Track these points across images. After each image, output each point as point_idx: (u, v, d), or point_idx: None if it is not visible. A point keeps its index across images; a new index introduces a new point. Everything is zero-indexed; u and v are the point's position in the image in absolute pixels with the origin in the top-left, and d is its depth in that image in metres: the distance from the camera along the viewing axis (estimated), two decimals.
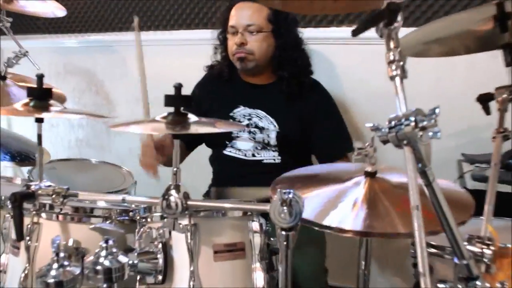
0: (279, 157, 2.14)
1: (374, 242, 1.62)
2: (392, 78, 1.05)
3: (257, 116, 2.15)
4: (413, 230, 0.98)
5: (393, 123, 1.01)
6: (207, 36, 2.33)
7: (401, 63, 1.05)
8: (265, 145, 2.14)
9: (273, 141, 2.13)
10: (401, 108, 1.02)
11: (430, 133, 0.97)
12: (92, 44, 3.05)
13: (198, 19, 2.79)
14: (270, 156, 2.14)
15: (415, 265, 1.67)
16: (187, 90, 2.79)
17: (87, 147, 3.15)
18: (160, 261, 1.26)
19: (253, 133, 2.14)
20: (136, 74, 1.93)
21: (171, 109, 1.17)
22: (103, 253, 1.15)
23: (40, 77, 1.30)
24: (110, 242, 1.16)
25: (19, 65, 2.41)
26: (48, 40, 3.14)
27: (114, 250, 1.17)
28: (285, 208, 1.07)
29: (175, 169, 1.15)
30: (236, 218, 1.33)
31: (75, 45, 3.11)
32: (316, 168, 1.81)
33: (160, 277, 1.26)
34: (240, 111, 2.17)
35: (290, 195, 1.09)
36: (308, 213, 1.24)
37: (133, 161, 2.09)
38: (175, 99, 1.12)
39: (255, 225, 1.34)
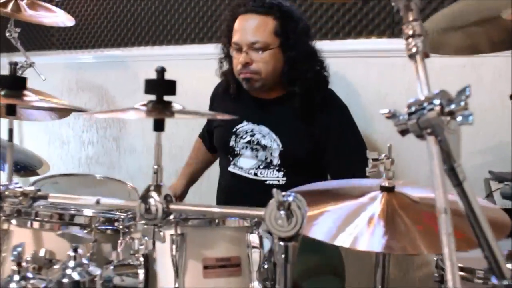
0: (284, 178, 1.91)
1: (392, 259, 1.40)
2: (412, 56, 0.85)
3: (260, 133, 1.94)
4: (441, 240, 0.77)
5: (413, 108, 0.81)
6: (217, 50, 2.17)
7: (422, 38, 0.85)
8: (268, 164, 1.93)
9: (276, 160, 1.91)
10: (422, 90, 0.82)
11: (460, 118, 0.76)
12: (104, 59, 2.94)
13: (210, 33, 2.65)
14: (274, 177, 1.92)
15: (440, 282, 1.43)
16: (198, 103, 2.67)
17: (97, 165, 3.00)
18: (141, 276, 1.05)
19: (255, 150, 1.94)
20: None
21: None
22: (71, 263, 0.96)
23: (12, 65, 1.14)
24: (80, 251, 0.97)
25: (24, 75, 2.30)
26: (61, 56, 3.04)
27: (85, 261, 0.97)
28: (282, 212, 0.87)
29: (155, 166, 0.96)
30: (231, 229, 1.13)
31: (88, 60, 3.01)
32: (327, 184, 1.60)
33: None
34: (244, 127, 1.97)
35: (290, 198, 0.89)
36: (318, 233, 1.09)
37: (142, 178, 1.93)
38: (157, 85, 0.93)
39: (253, 238, 1.13)
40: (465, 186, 0.82)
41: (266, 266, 1.39)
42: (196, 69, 2.69)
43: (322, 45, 2.09)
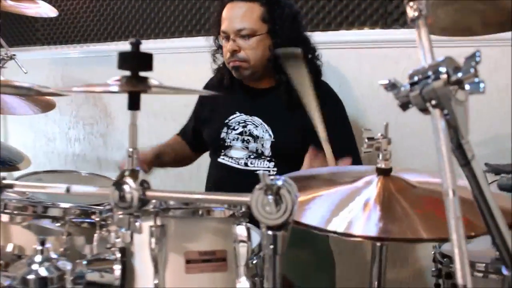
0: (275, 169, 1.86)
1: (388, 256, 1.30)
2: (413, 20, 0.75)
3: (253, 124, 1.88)
4: (448, 225, 0.67)
5: (416, 78, 0.71)
6: (207, 43, 2.08)
7: (424, 1, 0.75)
8: (259, 155, 1.86)
9: (267, 151, 1.86)
10: (426, 59, 0.72)
11: (469, 87, 0.67)
12: (90, 54, 2.83)
13: (199, 26, 2.55)
14: (264, 167, 1.86)
15: (438, 276, 1.34)
16: (187, 98, 2.57)
17: (84, 162, 2.89)
18: (117, 272, 0.94)
19: (246, 141, 1.87)
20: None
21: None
22: (38, 258, 0.85)
23: None
24: (48, 244, 0.86)
25: (5, 68, 2.19)
26: (47, 51, 2.93)
27: (53, 255, 0.87)
28: (270, 197, 0.77)
29: (130, 149, 0.85)
30: (216, 220, 1.02)
31: (74, 55, 2.90)
32: (319, 170, 1.51)
33: None
34: (236, 118, 1.92)
35: (279, 182, 0.79)
36: (311, 218, 1.00)
37: None
38: (131, 58, 0.83)
39: (240, 230, 1.02)
40: (473, 165, 0.72)
41: (254, 262, 1.29)
42: (184, 63, 2.60)
43: (314, 37, 2.01)
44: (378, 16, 2.17)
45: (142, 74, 0.86)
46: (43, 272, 0.84)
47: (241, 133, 1.88)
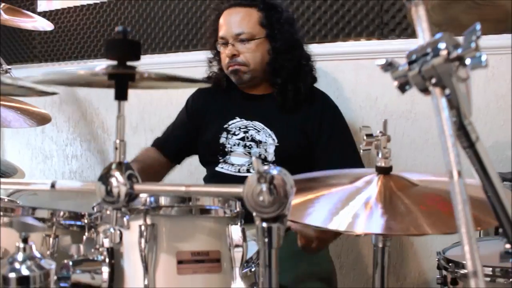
0: None
1: (390, 269, 1.24)
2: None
3: (255, 129, 1.83)
4: (454, 209, 0.62)
5: (414, 56, 0.67)
6: (203, 57, 2.05)
7: None
8: (262, 161, 1.79)
9: (270, 156, 1.80)
10: (424, 37, 0.69)
11: (469, 61, 0.63)
12: None
13: (196, 40, 2.54)
14: None
15: (443, 283, 1.28)
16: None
17: (81, 179, 2.84)
18: (105, 273, 0.89)
19: (248, 147, 1.82)
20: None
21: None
22: (20, 256, 0.80)
23: None
24: (31, 242, 0.81)
25: None
26: (44, 68, 2.91)
27: (37, 254, 0.81)
28: (264, 186, 0.72)
29: (117, 141, 0.81)
30: (210, 220, 0.97)
31: None
32: (318, 173, 1.46)
33: None
34: (236, 123, 1.87)
35: (274, 171, 0.74)
36: (313, 219, 0.97)
37: None
38: (118, 46, 0.79)
39: (235, 230, 0.97)
40: (478, 147, 0.68)
41: (253, 269, 1.24)
42: None
43: (310, 49, 1.98)
44: (375, 26, 2.15)
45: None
46: (25, 271, 0.78)
47: (242, 139, 1.83)
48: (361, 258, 2.28)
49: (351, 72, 2.23)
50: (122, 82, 0.78)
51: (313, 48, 2.02)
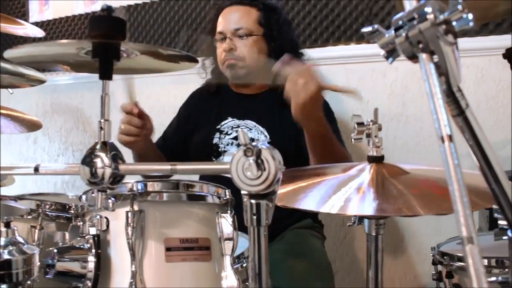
0: None
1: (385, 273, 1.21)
2: None
3: (246, 127, 1.83)
4: (446, 173, 0.60)
5: (400, 22, 0.66)
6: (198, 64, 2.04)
7: None
8: None
9: None
10: (410, 3, 0.67)
11: (456, 24, 0.62)
12: (79, 80, 2.78)
13: (187, 47, 2.53)
14: None
15: (438, 279, 1.25)
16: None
17: (73, 189, 2.79)
18: (91, 261, 0.86)
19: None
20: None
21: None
22: (2, 241, 0.77)
23: None
24: (13, 226, 0.78)
25: None
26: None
27: (20, 239, 0.78)
28: (251, 160, 0.70)
29: (102, 121, 0.79)
30: (199, 206, 0.94)
31: (64, 82, 2.85)
32: (311, 166, 1.44)
33: (89, 283, 0.85)
34: (228, 123, 1.86)
35: (263, 146, 0.72)
36: (305, 204, 0.94)
37: None
38: (102, 22, 0.77)
39: (225, 218, 0.94)
40: (468, 114, 0.66)
41: (244, 265, 1.21)
42: (172, 85, 2.56)
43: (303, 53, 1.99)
44: None
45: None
46: (6, 255, 0.75)
47: (235, 138, 1.82)
48: (356, 263, 2.25)
49: (342, 76, 2.22)
50: (106, 61, 0.76)
51: (304, 53, 2.02)
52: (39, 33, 2.16)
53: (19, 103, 2.48)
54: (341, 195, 0.91)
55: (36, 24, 2.67)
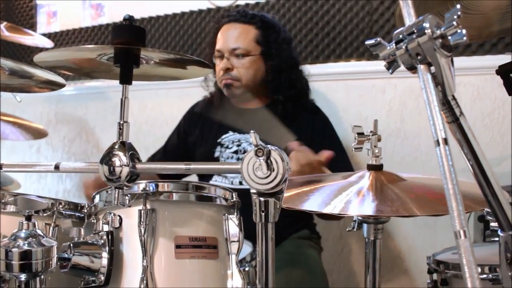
0: None
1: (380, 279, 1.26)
2: None
3: (247, 141, 1.88)
4: (441, 175, 0.66)
5: (400, 36, 0.72)
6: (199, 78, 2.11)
7: None
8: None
9: None
10: (409, 19, 0.74)
11: (451, 38, 0.68)
12: (84, 91, 2.85)
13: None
14: None
15: (433, 287, 1.30)
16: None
17: (74, 198, 2.83)
18: (104, 256, 0.91)
19: (241, 159, 1.84)
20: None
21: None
22: (22, 233, 0.82)
23: None
24: (34, 220, 0.83)
25: None
26: None
27: (39, 232, 0.83)
28: (261, 159, 0.76)
29: (121, 122, 0.85)
30: (208, 207, 1.00)
31: (68, 92, 2.91)
32: (312, 175, 1.49)
33: (102, 277, 0.90)
34: (229, 137, 1.91)
35: (272, 147, 0.78)
36: (309, 206, 1.00)
37: None
38: (124, 31, 0.83)
39: (232, 219, 1.00)
40: (462, 121, 0.72)
41: (247, 269, 1.26)
42: (176, 98, 2.62)
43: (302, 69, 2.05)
44: (364, 48, 2.23)
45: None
46: (26, 246, 0.80)
47: (236, 152, 1.87)
48: (353, 276, 2.29)
49: (342, 92, 2.29)
50: (126, 66, 0.82)
51: (305, 69, 2.09)
52: (48, 43, 2.23)
53: (24, 112, 2.54)
54: (342, 198, 0.97)
55: (44, 35, 2.73)
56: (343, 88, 2.29)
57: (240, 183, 1.81)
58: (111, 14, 2.79)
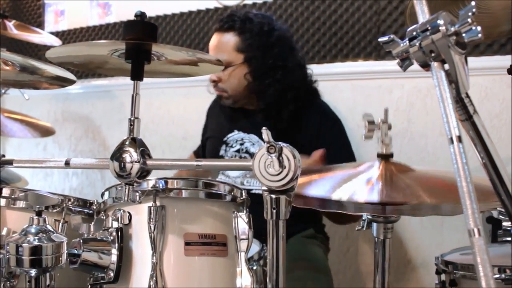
0: None
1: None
2: None
3: (250, 141, 1.87)
4: (455, 171, 0.65)
5: (414, 33, 0.72)
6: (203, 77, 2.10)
7: None
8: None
9: None
10: (423, 16, 0.74)
11: (465, 35, 0.68)
12: (91, 89, 2.85)
13: None
14: (259, 185, 1.79)
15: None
16: (186, 130, 2.57)
17: (80, 196, 2.83)
18: (114, 252, 0.91)
19: (244, 158, 1.84)
20: None
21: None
22: (33, 229, 0.82)
23: None
24: (44, 215, 0.83)
25: (7, 95, 2.21)
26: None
27: (49, 227, 0.83)
28: (273, 156, 0.75)
29: (132, 118, 0.85)
30: (218, 204, 0.99)
31: (75, 91, 2.92)
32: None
33: (111, 274, 0.90)
34: (234, 136, 1.91)
35: (283, 143, 0.78)
36: (316, 191, 1.00)
37: None
38: (135, 27, 0.83)
39: (242, 217, 0.99)
40: (475, 119, 0.72)
41: (254, 268, 1.25)
42: (183, 97, 2.62)
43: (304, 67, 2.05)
44: (372, 48, 2.23)
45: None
46: (36, 241, 0.80)
47: (238, 151, 1.86)
48: (359, 276, 2.28)
49: (349, 91, 2.28)
50: (138, 62, 0.82)
51: (313, 69, 2.08)
52: (55, 41, 2.24)
53: (31, 110, 2.55)
54: (351, 184, 0.96)
55: (52, 34, 2.74)
56: (349, 88, 2.28)
57: (241, 183, 1.81)
58: (118, 13, 2.79)
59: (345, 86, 2.29)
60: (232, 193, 1.00)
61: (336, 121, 1.94)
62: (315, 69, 2.16)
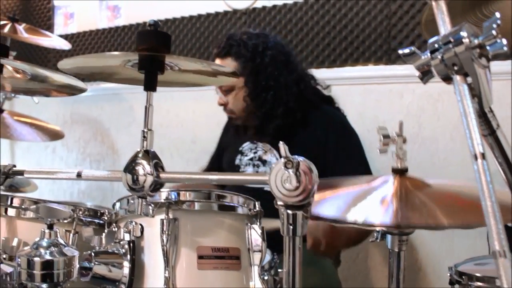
0: None
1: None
2: None
3: (263, 149, 1.88)
4: (479, 190, 0.63)
5: (436, 45, 0.70)
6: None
7: None
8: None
9: None
10: (445, 28, 0.71)
11: (490, 48, 0.65)
12: (100, 92, 2.84)
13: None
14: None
15: None
16: (195, 134, 2.56)
17: (89, 199, 2.84)
18: (126, 265, 0.89)
19: (257, 166, 1.87)
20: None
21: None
22: (44, 242, 0.80)
23: None
24: (56, 228, 0.81)
25: (17, 98, 2.21)
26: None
27: (61, 241, 0.82)
28: (291, 171, 0.73)
29: (145, 130, 0.83)
30: (231, 217, 0.97)
31: (83, 93, 2.90)
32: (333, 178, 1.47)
33: (123, 287, 0.88)
34: (248, 145, 1.92)
35: (300, 158, 0.76)
36: (330, 212, 0.96)
37: None
38: (149, 36, 0.81)
39: (255, 229, 0.97)
40: (499, 134, 0.69)
41: (266, 278, 1.23)
42: (192, 101, 2.61)
43: (319, 73, 2.02)
44: (382, 52, 2.20)
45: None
46: (48, 256, 0.78)
47: (251, 159, 1.88)
48: (369, 282, 2.26)
49: (359, 96, 2.26)
50: (151, 73, 0.80)
51: (323, 73, 2.06)
52: (65, 45, 2.23)
53: (40, 113, 2.54)
54: (365, 203, 0.94)
55: (61, 37, 2.74)
56: (360, 92, 2.26)
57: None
58: (127, 15, 2.78)
59: (356, 90, 2.27)
60: (245, 205, 0.98)
61: (344, 128, 1.90)
62: (325, 74, 2.14)
